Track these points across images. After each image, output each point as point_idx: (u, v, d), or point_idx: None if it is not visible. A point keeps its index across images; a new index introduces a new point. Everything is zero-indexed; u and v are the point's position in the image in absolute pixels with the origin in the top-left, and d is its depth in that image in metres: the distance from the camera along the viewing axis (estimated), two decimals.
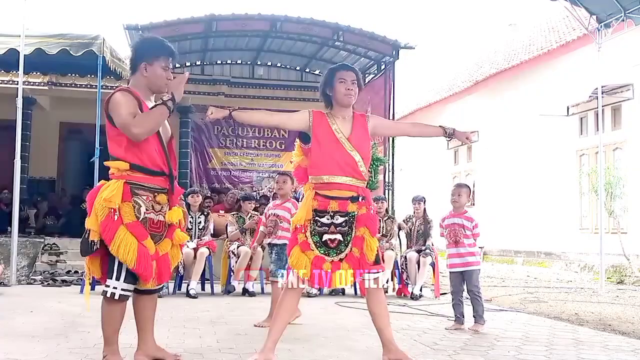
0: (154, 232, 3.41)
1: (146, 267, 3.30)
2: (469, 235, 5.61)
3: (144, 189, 3.37)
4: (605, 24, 9.89)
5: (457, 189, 5.80)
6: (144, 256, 3.29)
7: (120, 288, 3.31)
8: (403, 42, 11.77)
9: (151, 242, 3.36)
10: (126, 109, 3.31)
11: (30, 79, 13.06)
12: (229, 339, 4.75)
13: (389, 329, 3.92)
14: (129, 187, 3.33)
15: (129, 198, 3.31)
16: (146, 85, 3.49)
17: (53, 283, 8.70)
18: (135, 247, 3.26)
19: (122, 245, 3.24)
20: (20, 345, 4.30)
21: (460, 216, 5.68)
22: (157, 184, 3.42)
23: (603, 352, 4.58)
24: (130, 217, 3.30)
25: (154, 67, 3.45)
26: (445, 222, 5.79)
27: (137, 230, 3.30)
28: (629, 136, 13.06)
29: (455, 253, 5.63)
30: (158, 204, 3.43)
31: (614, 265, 11.98)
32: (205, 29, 11.56)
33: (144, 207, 3.35)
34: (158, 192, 3.43)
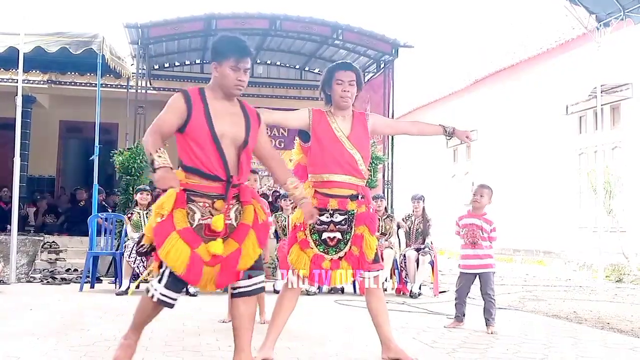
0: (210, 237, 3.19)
1: (196, 274, 3.11)
2: (485, 238, 5.51)
3: (200, 195, 3.18)
4: (604, 23, 9.92)
5: (480, 189, 5.61)
6: (195, 263, 3.10)
7: (160, 292, 3.18)
8: (402, 41, 11.79)
9: (205, 248, 3.14)
10: (164, 112, 3.22)
11: (29, 77, 13.06)
12: (228, 336, 4.73)
13: (388, 327, 3.93)
14: (185, 195, 3.17)
15: (183, 205, 3.16)
16: (218, 86, 3.31)
17: (52, 281, 8.71)
18: (188, 255, 3.09)
19: (172, 251, 3.09)
20: (20, 343, 4.31)
21: (479, 217, 5.55)
22: (213, 190, 3.19)
23: (601, 350, 4.60)
24: (183, 224, 3.14)
25: (222, 68, 3.24)
26: (462, 221, 5.65)
27: (189, 237, 3.12)
28: (628, 135, 13.07)
29: (472, 254, 5.51)
30: (217, 211, 3.19)
31: (613, 263, 11.99)
32: (205, 27, 11.56)
33: (199, 213, 3.16)
34: (216, 199, 3.20)
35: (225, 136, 3.20)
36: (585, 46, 12.52)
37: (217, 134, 3.17)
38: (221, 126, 3.19)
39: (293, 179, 3.60)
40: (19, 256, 9.29)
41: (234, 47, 3.25)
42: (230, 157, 3.21)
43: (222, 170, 3.18)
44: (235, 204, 3.27)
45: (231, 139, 3.22)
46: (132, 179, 9.70)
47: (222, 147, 3.18)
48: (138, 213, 8.03)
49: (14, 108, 8.82)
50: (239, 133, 3.25)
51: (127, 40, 11.42)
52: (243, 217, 3.27)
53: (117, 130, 14.00)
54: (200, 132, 3.17)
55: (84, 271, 8.09)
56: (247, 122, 3.30)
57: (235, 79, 3.23)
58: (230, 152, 3.21)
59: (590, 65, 11.13)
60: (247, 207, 3.29)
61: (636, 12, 9.38)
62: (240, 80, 3.24)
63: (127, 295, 7.32)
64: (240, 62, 3.22)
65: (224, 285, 3.25)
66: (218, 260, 3.13)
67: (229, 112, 3.27)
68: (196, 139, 3.17)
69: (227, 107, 3.28)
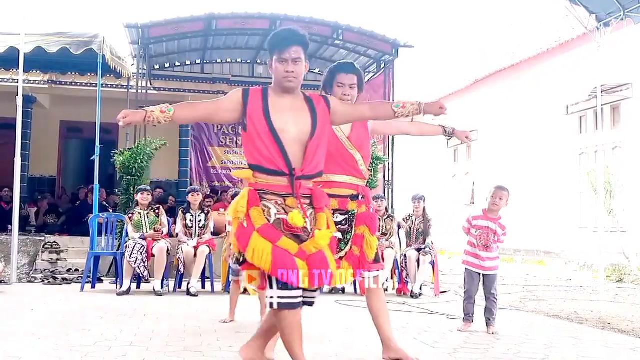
0: (295, 232, 3.09)
1: (285, 268, 2.98)
2: (495, 241, 5.44)
3: (270, 193, 3.12)
4: (604, 23, 9.92)
5: (499, 191, 5.42)
6: (280, 257, 2.99)
7: (277, 296, 3.05)
8: (402, 41, 11.79)
9: (289, 241, 3.04)
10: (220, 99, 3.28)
11: (30, 78, 13.05)
12: (229, 337, 4.77)
13: (388, 327, 3.93)
14: (257, 193, 3.12)
15: (257, 203, 3.10)
16: (275, 82, 3.25)
17: (54, 281, 8.71)
18: (270, 250, 3.00)
19: (256, 250, 3.02)
20: (21, 343, 4.31)
21: (495, 221, 5.43)
22: (281, 189, 3.12)
23: (602, 351, 4.60)
24: (261, 221, 3.07)
25: (272, 62, 3.20)
26: (476, 222, 5.49)
27: (269, 233, 3.04)
28: (628, 135, 13.07)
29: (484, 257, 5.40)
30: (290, 208, 3.11)
31: (613, 263, 11.99)
32: (205, 27, 11.57)
33: (274, 209, 3.09)
34: (286, 196, 3.12)
35: (285, 131, 3.12)
36: (585, 46, 12.52)
37: (275, 129, 3.10)
38: (281, 121, 3.13)
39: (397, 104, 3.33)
40: (20, 256, 9.29)
41: (276, 40, 3.20)
42: (294, 151, 3.12)
43: (284, 163, 3.10)
44: (309, 207, 3.18)
45: (294, 133, 3.13)
46: (133, 179, 9.70)
47: (282, 141, 3.10)
48: (139, 213, 8.03)
49: (14, 108, 8.82)
50: (303, 127, 3.16)
51: (128, 41, 11.43)
52: (318, 225, 3.17)
53: (117, 131, 13.96)
54: (259, 127, 3.12)
55: (85, 271, 8.09)
56: (314, 113, 3.20)
57: (283, 70, 3.16)
58: (293, 146, 3.12)
59: (591, 65, 11.13)
60: (320, 214, 3.19)
61: (636, 12, 9.39)
62: (288, 72, 3.15)
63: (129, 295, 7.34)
64: (284, 53, 3.15)
65: (315, 285, 3.09)
66: (303, 256, 3.03)
67: (292, 107, 3.19)
68: (257, 135, 3.12)
69: (289, 102, 3.20)
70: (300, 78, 3.20)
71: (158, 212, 8.17)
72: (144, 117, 3.07)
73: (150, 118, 3.08)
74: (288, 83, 3.18)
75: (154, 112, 3.08)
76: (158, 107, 3.12)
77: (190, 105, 3.28)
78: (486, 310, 5.36)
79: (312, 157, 3.15)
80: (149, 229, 7.96)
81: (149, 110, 3.09)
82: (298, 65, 3.16)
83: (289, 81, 3.17)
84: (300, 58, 3.16)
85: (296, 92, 3.24)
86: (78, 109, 13.58)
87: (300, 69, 3.18)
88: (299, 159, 3.13)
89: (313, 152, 3.15)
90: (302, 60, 3.18)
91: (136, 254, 7.65)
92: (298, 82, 3.20)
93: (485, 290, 5.41)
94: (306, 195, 3.17)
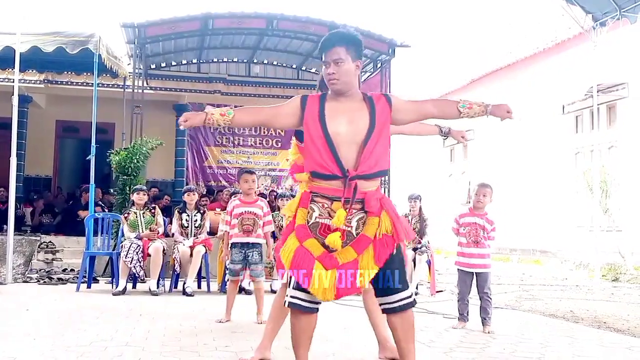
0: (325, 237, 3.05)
1: (300, 268, 2.97)
2: (486, 237, 5.52)
3: (321, 196, 3.10)
4: (600, 23, 9.94)
5: (482, 188, 5.57)
6: (300, 257, 2.99)
7: (290, 295, 3.07)
8: (399, 41, 11.80)
9: (315, 243, 3.01)
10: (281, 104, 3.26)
11: (26, 77, 13.02)
12: (225, 337, 4.77)
13: (385, 327, 3.93)
14: (309, 195, 3.13)
15: (306, 204, 3.12)
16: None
17: (49, 281, 8.69)
18: (294, 249, 3.02)
19: (285, 247, 3.06)
20: (17, 343, 4.30)
21: (482, 217, 5.54)
22: (333, 192, 3.06)
23: (598, 350, 4.61)
24: (301, 221, 3.10)
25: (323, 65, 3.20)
26: (463, 219, 5.61)
27: (300, 232, 3.06)
28: (624, 134, 13.10)
29: (475, 253, 5.49)
30: (334, 211, 3.05)
31: (609, 263, 12.02)
32: (202, 26, 11.56)
33: (318, 212, 3.08)
34: (334, 200, 3.07)
35: (339, 133, 3.06)
36: (581, 46, 12.55)
37: (329, 132, 3.06)
38: (334, 124, 3.08)
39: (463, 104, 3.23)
40: (16, 256, 9.27)
41: (321, 45, 3.17)
42: (347, 153, 3.06)
43: (336, 167, 3.05)
44: (359, 212, 3.07)
45: (348, 135, 3.07)
46: (129, 178, 9.69)
47: (335, 144, 3.05)
48: (135, 213, 8.02)
49: (10, 108, 8.79)
50: (359, 128, 3.08)
51: (124, 40, 11.40)
52: (365, 229, 3.05)
53: (113, 130, 13.99)
54: (314, 132, 3.09)
55: (81, 271, 8.08)
56: (372, 112, 3.11)
57: (326, 74, 3.14)
58: (347, 148, 3.06)
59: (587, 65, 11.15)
60: (372, 218, 3.06)
61: (632, 12, 9.41)
62: (329, 74, 3.12)
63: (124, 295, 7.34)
64: (325, 56, 3.13)
65: (341, 296, 3.01)
66: (334, 264, 2.96)
67: (348, 109, 3.12)
68: (311, 141, 3.10)
69: (345, 105, 3.14)
70: (344, 78, 3.11)
71: (154, 212, 8.16)
72: (204, 119, 3.09)
73: (209, 120, 3.09)
74: (331, 85, 3.14)
75: (213, 115, 3.10)
76: (218, 110, 3.12)
77: (250, 110, 3.25)
78: (481, 310, 5.39)
79: (369, 156, 3.06)
80: (144, 229, 7.95)
81: (209, 112, 3.10)
82: (339, 66, 3.10)
83: (332, 83, 3.13)
84: (341, 58, 3.10)
85: (350, 93, 3.16)
86: (74, 108, 13.56)
87: (342, 69, 3.10)
88: (354, 160, 3.07)
89: (370, 151, 3.06)
90: (345, 60, 3.10)
91: (132, 253, 7.64)
92: (342, 82, 3.12)
93: (479, 290, 5.45)
94: (359, 199, 3.06)
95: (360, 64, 3.18)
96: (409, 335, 3.08)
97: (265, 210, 5.86)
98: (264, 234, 5.82)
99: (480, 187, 5.60)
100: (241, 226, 5.65)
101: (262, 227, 5.77)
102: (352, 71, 3.13)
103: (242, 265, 5.64)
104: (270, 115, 3.23)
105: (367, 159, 3.05)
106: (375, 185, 3.13)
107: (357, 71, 3.16)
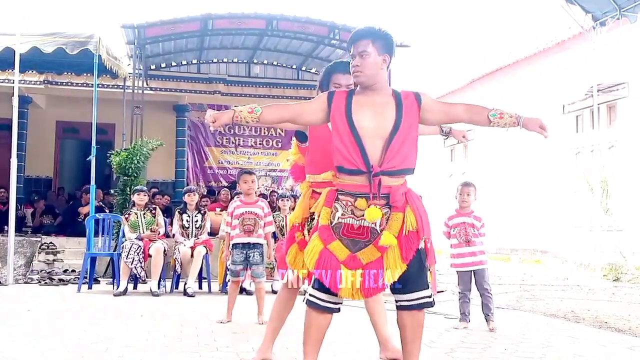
0: (356, 238, 3.01)
1: (326, 271, 2.97)
2: (477, 235, 5.54)
3: (345, 194, 3.08)
4: (600, 22, 9.94)
5: (466, 187, 5.62)
6: (324, 260, 2.98)
7: (309, 293, 3.08)
8: (399, 41, 11.78)
9: (341, 246, 3.00)
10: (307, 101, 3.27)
11: (26, 78, 13.04)
12: (226, 337, 4.76)
13: (385, 327, 3.93)
14: (335, 193, 3.11)
15: (330, 203, 3.10)
16: None
17: (50, 282, 8.69)
18: (318, 251, 3.00)
19: (308, 248, 3.06)
20: (18, 344, 4.30)
21: (469, 215, 5.58)
22: (358, 188, 3.04)
23: (599, 349, 4.61)
24: (324, 221, 3.08)
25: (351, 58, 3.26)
26: (452, 221, 5.64)
27: (324, 234, 3.05)
28: (624, 134, 13.09)
29: (467, 252, 5.51)
30: (358, 210, 3.03)
31: (610, 262, 12.00)
32: (202, 27, 11.57)
33: (341, 211, 3.05)
34: (358, 197, 3.04)
35: (364, 127, 3.04)
36: (581, 45, 12.54)
37: (355, 126, 3.04)
38: (361, 118, 3.05)
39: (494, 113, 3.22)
40: (17, 257, 9.25)
41: (349, 39, 3.20)
42: (373, 148, 3.02)
43: (362, 161, 3.02)
44: (384, 207, 3.01)
45: (373, 129, 3.03)
46: (130, 179, 9.69)
47: (361, 138, 3.02)
48: (135, 213, 8.02)
49: (10, 109, 8.80)
50: (384, 122, 3.04)
51: (124, 41, 11.41)
52: (388, 226, 2.99)
53: (114, 131, 13.99)
54: (340, 126, 3.07)
55: (82, 272, 8.08)
56: (399, 107, 3.07)
57: (351, 66, 3.15)
58: (373, 142, 3.02)
59: (587, 65, 11.15)
60: (395, 214, 3.00)
61: (632, 12, 9.41)
62: (353, 66, 3.12)
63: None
64: (351, 50, 3.15)
65: (369, 295, 3.04)
66: (358, 264, 2.95)
67: (374, 104, 3.09)
68: (338, 135, 3.08)
69: (372, 99, 3.11)
70: (368, 71, 3.09)
71: (154, 212, 8.16)
72: (232, 116, 3.05)
73: (237, 118, 3.06)
74: (355, 78, 3.14)
75: (241, 112, 3.07)
76: (246, 107, 3.10)
77: (277, 107, 3.23)
78: (483, 307, 5.40)
79: (396, 152, 3.01)
80: (145, 229, 7.95)
81: (236, 110, 3.07)
82: (364, 58, 3.09)
83: (356, 76, 3.12)
84: (366, 51, 3.08)
85: (377, 87, 3.13)
86: (74, 109, 13.56)
87: (367, 61, 3.09)
88: (378, 156, 3.03)
89: (397, 147, 3.01)
90: (371, 53, 3.09)
91: (133, 254, 7.64)
92: (365, 75, 3.10)
93: (478, 287, 5.48)
94: (384, 194, 3.01)
95: (387, 59, 3.14)
96: (416, 335, 3.08)
97: (266, 211, 5.86)
98: (265, 235, 5.83)
99: (463, 187, 5.64)
100: (242, 226, 5.65)
101: (263, 227, 5.77)
102: (378, 64, 3.11)
103: (244, 265, 5.64)
104: (296, 113, 3.22)
105: (393, 156, 3.01)
106: (401, 181, 3.08)
107: (383, 65, 3.13)
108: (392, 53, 3.18)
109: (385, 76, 3.17)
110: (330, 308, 3.11)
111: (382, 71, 3.14)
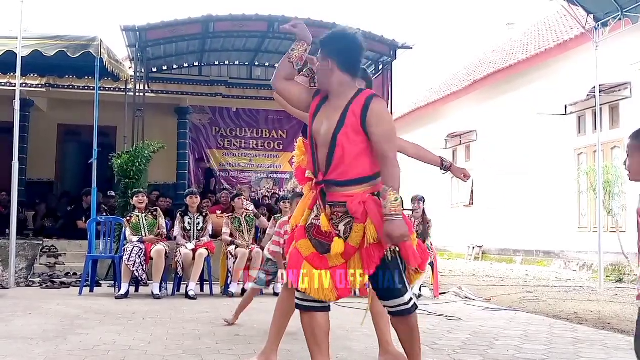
0: (323, 241, 2.99)
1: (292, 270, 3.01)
2: None
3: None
4: (602, 23, 9.90)
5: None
6: (293, 258, 3.04)
7: (295, 296, 3.11)
8: (401, 42, 11.77)
9: (307, 243, 3.03)
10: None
11: (27, 81, 13.05)
12: (228, 340, 4.75)
13: (388, 331, 3.91)
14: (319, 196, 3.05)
15: (312, 206, 3.12)
16: None
17: (52, 285, 8.68)
18: (291, 250, 3.06)
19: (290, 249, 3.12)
20: (19, 347, 4.29)
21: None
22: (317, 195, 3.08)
23: (602, 351, 4.59)
24: (303, 222, 3.15)
25: None
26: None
27: (298, 233, 3.13)
28: (627, 134, 13.00)
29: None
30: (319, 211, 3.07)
31: (613, 263, 11.97)
32: (203, 30, 11.55)
33: (315, 213, 3.07)
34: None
35: (318, 133, 2.99)
36: (583, 46, 12.51)
37: (313, 132, 3.02)
38: (317, 123, 3.01)
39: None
40: (18, 260, 9.27)
41: None
42: (322, 157, 2.97)
43: (313, 169, 3.06)
44: (345, 216, 2.93)
45: (323, 136, 2.96)
46: (131, 182, 9.68)
47: (316, 145, 3.00)
48: (137, 216, 8.01)
49: (12, 112, 8.80)
50: (328, 129, 2.94)
51: (125, 43, 11.41)
52: (350, 238, 2.93)
53: (115, 134, 13.99)
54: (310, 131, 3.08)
55: (83, 275, 8.07)
56: (343, 114, 2.93)
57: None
58: (322, 151, 2.97)
59: (589, 65, 11.10)
60: (357, 225, 2.91)
61: (634, 12, 9.37)
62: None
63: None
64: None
65: (344, 295, 3.03)
66: (325, 265, 2.96)
67: (331, 108, 3.00)
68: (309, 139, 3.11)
69: (330, 104, 3.02)
70: (319, 77, 3.11)
71: (156, 215, 8.15)
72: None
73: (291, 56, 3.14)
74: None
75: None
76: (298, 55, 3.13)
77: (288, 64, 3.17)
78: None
79: (339, 162, 2.91)
80: (147, 232, 7.94)
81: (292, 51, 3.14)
82: (318, 66, 3.14)
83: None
84: (317, 58, 3.13)
85: (337, 93, 2.99)
86: (75, 112, 13.56)
87: (318, 68, 3.11)
88: (324, 164, 2.98)
89: (339, 155, 2.91)
90: (318, 60, 3.09)
91: (134, 257, 7.63)
92: (319, 82, 3.12)
93: None
94: (340, 202, 2.94)
95: (330, 62, 2.96)
96: (410, 338, 3.07)
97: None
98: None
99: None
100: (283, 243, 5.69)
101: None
102: (325, 70, 3.00)
103: (272, 277, 5.66)
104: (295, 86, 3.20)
105: (337, 165, 2.92)
106: (358, 190, 2.93)
107: (332, 69, 2.96)
108: (336, 54, 2.97)
109: (344, 79, 2.98)
110: (314, 307, 3.04)
111: (336, 75, 2.97)
